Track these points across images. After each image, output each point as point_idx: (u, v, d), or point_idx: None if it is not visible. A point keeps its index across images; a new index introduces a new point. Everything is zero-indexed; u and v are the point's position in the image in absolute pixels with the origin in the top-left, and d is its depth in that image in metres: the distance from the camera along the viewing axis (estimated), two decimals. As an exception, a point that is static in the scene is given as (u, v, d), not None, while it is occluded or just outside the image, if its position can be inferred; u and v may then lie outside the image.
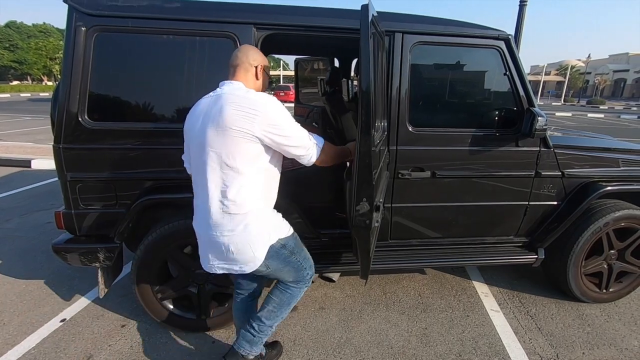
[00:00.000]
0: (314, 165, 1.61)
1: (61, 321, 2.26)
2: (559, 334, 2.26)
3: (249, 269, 1.48)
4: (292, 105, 4.62)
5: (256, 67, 1.53)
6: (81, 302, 2.45)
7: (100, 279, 2.04)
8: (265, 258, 1.48)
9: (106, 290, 2.10)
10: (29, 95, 28.03)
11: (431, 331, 2.25)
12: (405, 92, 2.05)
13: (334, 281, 2.53)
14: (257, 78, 1.55)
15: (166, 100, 1.90)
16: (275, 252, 1.52)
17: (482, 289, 2.72)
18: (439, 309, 2.47)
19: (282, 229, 1.58)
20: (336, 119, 3.19)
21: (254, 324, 1.68)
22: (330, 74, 3.49)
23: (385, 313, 2.42)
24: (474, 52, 2.15)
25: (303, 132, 1.48)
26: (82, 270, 2.74)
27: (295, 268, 1.63)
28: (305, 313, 2.40)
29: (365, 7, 1.41)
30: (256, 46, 1.89)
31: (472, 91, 2.35)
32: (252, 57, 1.52)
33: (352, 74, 3.75)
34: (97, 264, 1.98)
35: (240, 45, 1.85)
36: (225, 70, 1.92)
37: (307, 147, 1.48)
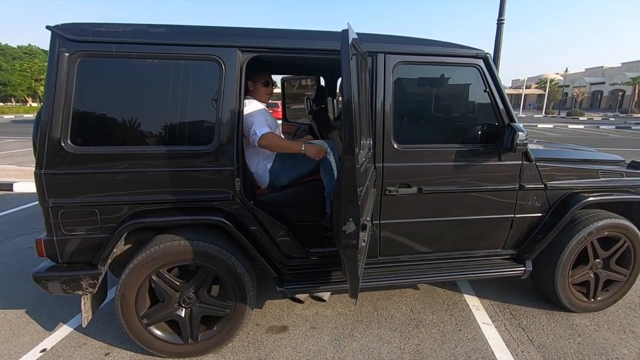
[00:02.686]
0: (300, 184, 2.34)
1: (41, 351, 2.16)
2: (550, 345, 2.26)
3: None
4: (280, 122, 4.66)
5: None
6: (63, 331, 2.36)
7: (84, 307, 1.97)
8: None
9: (90, 318, 2.02)
10: (12, 117, 27.56)
11: (424, 347, 2.22)
12: (389, 110, 2.09)
13: (324, 301, 2.50)
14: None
15: (150, 124, 1.90)
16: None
17: (473, 302, 2.73)
18: (431, 324, 2.45)
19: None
20: (323, 136, 3.22)
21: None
22: (316, 92, 3.55)
23: (377, 330, 2.39)
24: (454, 70, 2.22)
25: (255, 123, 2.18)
26: (64, 297, 2.64)
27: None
28: (297, 333, 2.36)
29: (345, 32, 1.45)
30: (241, 68, 1.92)
31: (455, 108, 2.41)
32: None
33: (338, 91, 3.82)
34: (80, 292, 1.91)
35: (225, 68, 1.88)
36: (210, 93, 1.96)
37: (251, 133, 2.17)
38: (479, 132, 2.26)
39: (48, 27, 1.74)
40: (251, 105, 2.26)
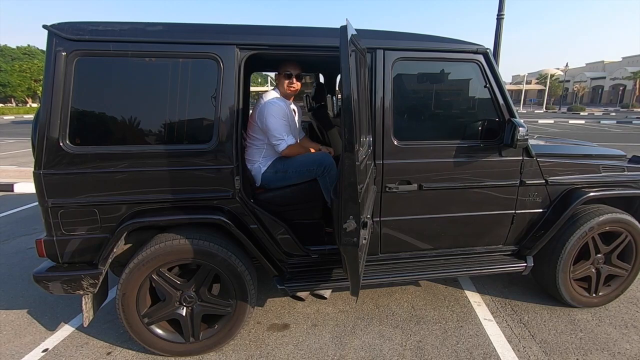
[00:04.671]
0: (303, 183, 2.38)
1: (43, 351, 2.17)
2: (552, 340, 2.26)
3: None
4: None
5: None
6: (64, 330, 2.36)
7: (85, 307, 1.97)
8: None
9: (91, 317, 2.03)
10: (12, 117, 27.55)
11: (425, 344, 2.22)
12: (389, 106, 2.08)
13: (325, 298, 2.49)
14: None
15: (149, 123, 1.89)
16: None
17: (475, 298, 2.72)
18: (432, 321, 2.45)
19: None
20: (323, 133, 3.22)
21: None
22: (315, 89, 3.54)
23: (378, 327, 2.39)
24: (454, 66, 2.20)
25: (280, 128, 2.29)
26: (66, 297, 2.65)
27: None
28: (298, 331, 2.36)
29: (344, 28, 1.44)
30: (239, 66, 1.91)
31: (455, 104, 2.40)
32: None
33: (337, 89, 3.80)
34: (81, 292, 1.91)
35: (223, 65, 1.87)
36: (208, 91, 1.94)
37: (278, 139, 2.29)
38: (479, 128, 2.25)
39: (45, 27, 1.73)
40: (272, 103, 2.29)
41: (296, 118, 2.57)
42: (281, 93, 2.43)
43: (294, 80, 2.40)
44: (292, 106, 2.54)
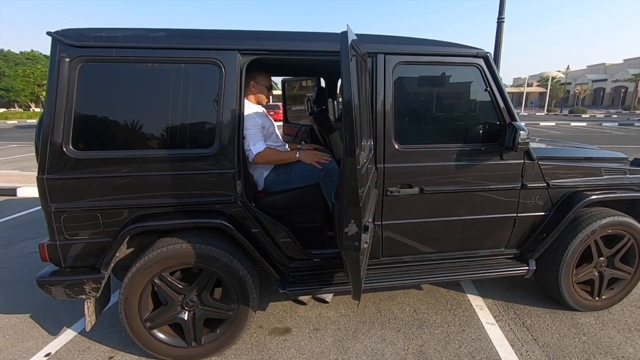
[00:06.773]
0: (305, 186, 2.37)
1: (45, 356, 2.17)
2: (555, 344, 2.25)
3: None
4: (282, 124, 4.66)
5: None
6: (67, 335, 2.37)
7: (87, 311, 1.98)
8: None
9: (93, 322, 2.03)
10: (15, 122, 27.72)
11: (428, 348, 2.22)
12: (390, 110, 2.09)
13: (327, 302, 2.49)
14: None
15: (151, 128, 1.91)
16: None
17: (477, 302, 2.71)
18: (434, 325, 2.44)
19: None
20: (324, 137, 3.23)
21: None
22: (316, 94, 3.55)
23: (380, 331, 2.38)
24: (455, 69, 2.21)
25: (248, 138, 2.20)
26: (68, 301, 2.66)
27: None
28: (300, 335, 2.35)
29: (344, 34, 1.45)
30: (241, 71, 1.93)
31: (455, 107, 2.41)
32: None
33: (338, 93, 3.82)
34: (84, 296, 1.92)
35: (225, 71, 1.88)
36: (210, 96, 1.95)
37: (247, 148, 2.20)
38: (480, 132, 2.25)
39: (49, 33, 1.75)
40: (247, 112, 2.23)
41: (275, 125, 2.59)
42: (257, 101, 2.46)
43: (271, 90, 2.55)
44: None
